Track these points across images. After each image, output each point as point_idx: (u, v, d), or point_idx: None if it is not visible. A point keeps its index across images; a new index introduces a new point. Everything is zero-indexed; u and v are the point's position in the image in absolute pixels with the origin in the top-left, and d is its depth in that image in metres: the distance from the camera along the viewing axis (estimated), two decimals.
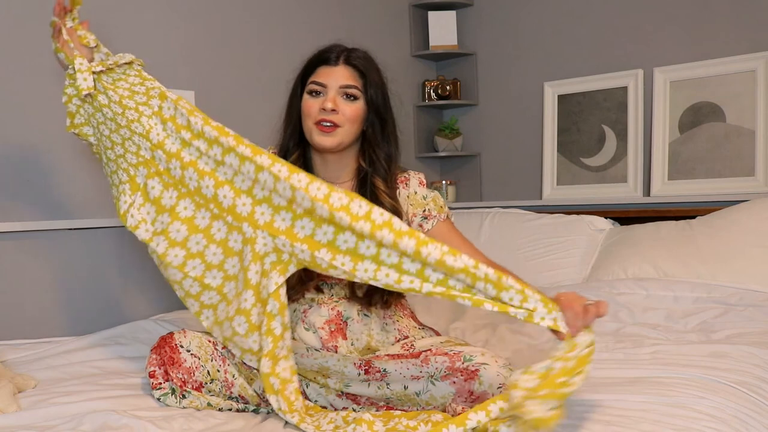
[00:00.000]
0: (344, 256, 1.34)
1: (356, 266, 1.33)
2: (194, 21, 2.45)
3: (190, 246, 1.52)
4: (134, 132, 1.58)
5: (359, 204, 1.33)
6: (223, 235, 1.49)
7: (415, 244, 1.28)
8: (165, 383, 1.50)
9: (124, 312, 2.21)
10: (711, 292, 2.15)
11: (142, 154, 1.58)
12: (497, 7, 3.28)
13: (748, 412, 1.36)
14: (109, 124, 1.61)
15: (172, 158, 1.54)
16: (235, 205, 1.46)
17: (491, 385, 1.39)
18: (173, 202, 1.54)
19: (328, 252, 1.36)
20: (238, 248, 1.47)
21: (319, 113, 1.60)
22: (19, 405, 1.40)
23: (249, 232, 1.45)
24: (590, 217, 2.78)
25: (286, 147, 1.69)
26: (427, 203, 1.66)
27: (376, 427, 1.28)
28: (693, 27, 2.76)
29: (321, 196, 1.34)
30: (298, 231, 1.39)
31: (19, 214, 2.03)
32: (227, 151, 1.47)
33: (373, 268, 1.32)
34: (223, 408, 1.51)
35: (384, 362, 1.50)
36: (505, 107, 3.28)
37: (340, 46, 1.66)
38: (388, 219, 1.31)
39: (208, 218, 1.51)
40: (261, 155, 1.42)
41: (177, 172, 1.53)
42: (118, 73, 1.62)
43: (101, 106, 1.60)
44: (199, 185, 1.50)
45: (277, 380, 1.40)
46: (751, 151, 2.63)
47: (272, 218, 1.42)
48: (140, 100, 1.60)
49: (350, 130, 1.62)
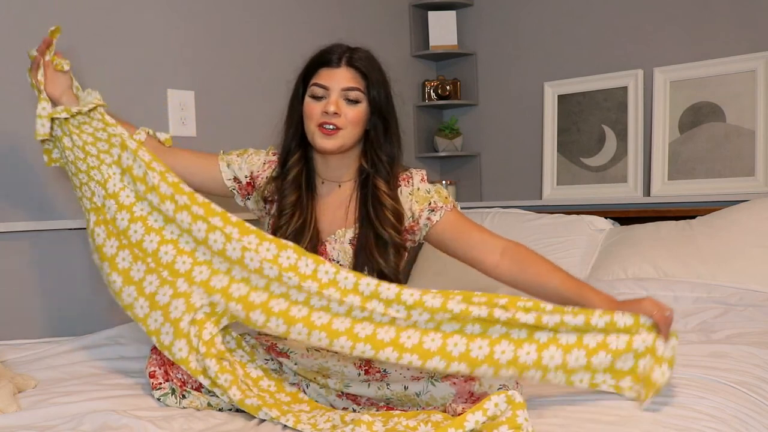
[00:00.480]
0: (277, 318, 1.40)
1: (289, 329, 1.38)
2: (194, 21, 2.45)
3: (123, 297, 1.56)
4: (92, 178, 1.61)
5: (306, 263, 1.40)
6: (153, 289, 1.53)
7: (360, 300, 1.36)
8: (165, 383, 1.50)
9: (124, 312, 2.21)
10: (711, 292, 2.15)
11: (95, 201, 1.61)
12: (497, 7, 3.28)
13: (748, 412, 1.36)
14: (70, 167, 1.65)
15: (123, 209, 1.58)
16: (175, 262, 1.52)
17: (491, 385, 1.39)
18: (114, 251, 1.58)
19: (262, 313, 1.41)
20: (164, 302, 1.51)
21: (321, 116, 1.59)
22: (19, 405, 1.40)
23: (183, 288, 1.50)
24: (590, 217, 2.78)
25: (288, 148, 1.69)
26: (432, 196, 1.66)
27: (375, 427, 1.27)
28: (693, 27, 2.76)
29: (270, 257, 1.41)
30: (233, 291, 1.46)
31: (19, 214, 2.03)
32: (180, 209, 1.52)
33: (306, 332, 1.37)
34: (223, 408, 1.51)
35: (384, 362, 1.51)
36: (505, 107, 3.28)
37: (342, 46, 1.65)
38: (333, 277, 1.38)
39: (143, 271, 1.54)
40: (214, 216, 1.48)
41: (123, 223, 1.57)
42: (83, 118, 1.63)
43: (64, 148, 1.63)
44: (142, 239, 1.55)
45: (254, 400, 1.40)
46: (751, 151, 2.63)
47: (209, 278, 1.49)
48: (102, 148, 1.63)
49: (352, 133, 1.62)
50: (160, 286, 1.52)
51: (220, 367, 1.42)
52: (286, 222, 1.63)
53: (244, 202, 1.75)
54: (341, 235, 1.65)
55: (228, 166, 1.73)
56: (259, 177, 1.72)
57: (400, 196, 1.66)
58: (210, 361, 1.42)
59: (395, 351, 1.32)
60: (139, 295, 1.53)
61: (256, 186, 1.72)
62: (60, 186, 2.12)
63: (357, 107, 1.61)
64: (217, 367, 1.42)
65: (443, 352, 1.31)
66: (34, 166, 2.06)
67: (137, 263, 1.54)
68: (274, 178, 1.69)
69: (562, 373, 1.34)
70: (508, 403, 1.21)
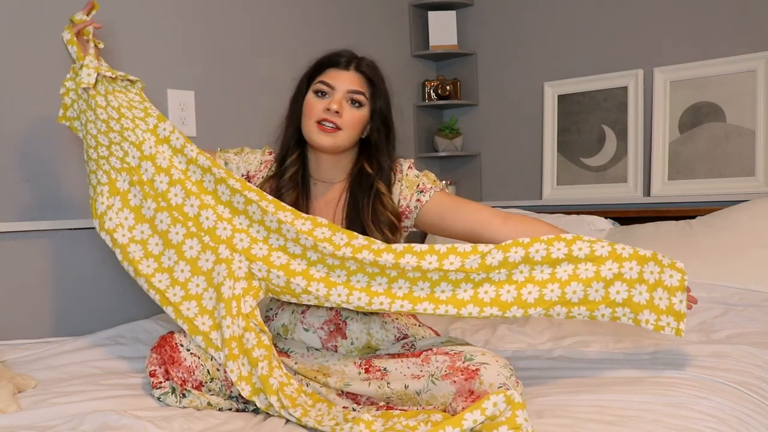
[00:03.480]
0: (318, 283, 1.48)
1: (329, 291, 1.47)
2: (194, 21, 2.45)
3: (163, 260, 1.57)
4: (126, 139, 1.62)
5: (341, 237, 1.49)
6: (194, 254, 1.56)
7: (393, 258, 1.44)
8: (165, 382, 1.50)
9: (124, 312, 2.21)
10: (711, 292, 2.15)
11: (128, 161, 1.61)
12: (497, 7, 3.28)
13: (749, 413, 1.36)
14: (99, 125, 1.63)
15: (161, 172, 1.59)
16: (216, 228, 1.55)
17: (492, 384, 1.39)
18: (151, 213, 1.59)
19: (303, 279, 1.48)
20: (207, 268, 1.55)
21: (323, 113, 1.61)
22: (19, 405, 1.40)
23: (225, 254, 1.53)
24: (590, 217, 2.78)
25: (287, 146, 1.70)
26: (420, 179, 1.68)
27: (375, 426, 1.27)
28: (693, 27, 2.76)
29: (306, 230, 1.49)
30: (274, 260, 1.51)
31: (19, 213, 2.03)
32: (219, 181, 1.57)
33: (345, 293, 1.46)
34: (223, 408, 1.51)
35: (384, 361, 1.51)
36: (505, 107, 3.28)
37: (350, 52, 1.69)
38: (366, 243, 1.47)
39: (182, 235, 1.57)
40: (250, 191, 1.54)
41: (162, 186, 1.59)
42: (121, 86, 1.67)
43: (96, 106, 1.63)
44: (183, 203, 1.57)
45: (276, 381, 1.41)
46: (751, 151, 2.63)
47: (250, 245, 1.53)
48: (138, 115, 1.65)
49: (350, 135, 1.64)
50: (202, 251, 1.55)
51: (258, 341, 1.45)
52: None
53: None
54: None
55: (225, 164, 1.73)
56: (255, 177, 1.73)
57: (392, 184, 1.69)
58: (250, 334, 1.45)
59: (431, 303, 1.44)
60: (180, 259, 1.56)
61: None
62: (61, 186, 2.12)
63: (359, 111, 1.64)
64: (255, 341, 1.45)
65: (476, 300, 1.43)
66: (34, 166, 2.06)
67: (176, 226, 1.57)
68: (271, 177, 1.70)
69: (585, 309, 1.42)
70: (507, 403, 1.20)
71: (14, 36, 2.02)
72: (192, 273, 1.55)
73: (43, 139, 2.08)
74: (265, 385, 1.39)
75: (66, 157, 2.11)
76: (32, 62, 2.05)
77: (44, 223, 2.07)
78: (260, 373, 1.40)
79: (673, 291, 1.44)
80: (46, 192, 2.09)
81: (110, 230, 1.60)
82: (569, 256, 1.42)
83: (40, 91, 2.05)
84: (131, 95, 1.67)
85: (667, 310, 1.43)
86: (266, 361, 1.43)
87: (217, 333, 1.50)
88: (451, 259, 1.43)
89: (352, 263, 1.47)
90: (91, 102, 1.63)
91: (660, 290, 1.44)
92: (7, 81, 2.01)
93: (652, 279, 1.44)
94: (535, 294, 1.41)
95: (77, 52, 1.63)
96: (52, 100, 2.02)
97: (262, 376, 1.40)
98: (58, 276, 2.12)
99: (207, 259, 1.55)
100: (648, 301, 1.42)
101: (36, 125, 2.06)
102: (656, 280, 1.44)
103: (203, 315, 1.52)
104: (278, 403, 1.38)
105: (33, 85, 2.05)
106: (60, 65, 1.96)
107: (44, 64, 2.05)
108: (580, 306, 1.41)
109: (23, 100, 2.03)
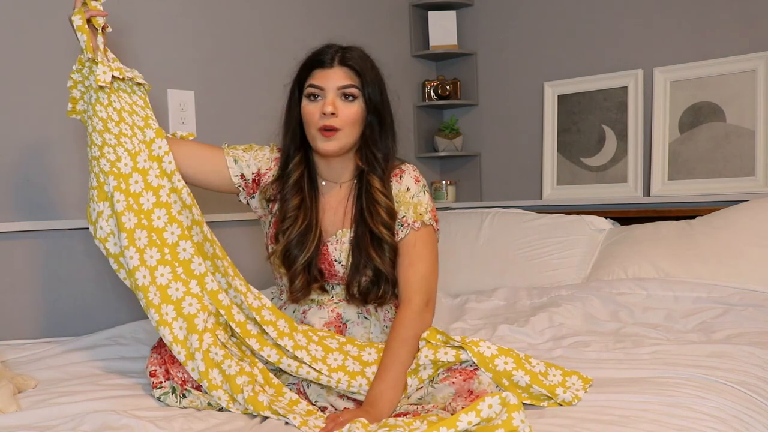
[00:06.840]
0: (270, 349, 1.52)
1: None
2: (194, 21, 2.45)
3: (137, 277, 1.54)
4: (121, 144, 1.57)
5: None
6: (165, 282, 1.53)
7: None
8: (166, 382, 1.50)
9: (124, 312, 2.21)
10: (711, 292, 2.15)
11: (119, 167, 1.56)
12: (497, 7, 3.28)
13: (749, 413, 1.36)
14: (95, 122, 1.58)
15: (149, 190, 1.56)
16: (191, 261, 1.54)
17: (490, 384, 1.39)
18: (131, 226, 1.54)
19: (257, 342, 1.52)
20: (176, 297, 1.52)
21: (321, 119, 1.58)
22: (19, 405, 1.40)
23: (196, 290, 1.53)
24: (590, 217, 2.77)
25: (287, 151, 1.68)
26: (407, 210, 1.63)
27: (371, 427, 1.27)
28: (693, 27, 2.76)
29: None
30: (235, 313, 1.54)
31: (19, 214, 2.03)
32: (195, 223, 1.59)
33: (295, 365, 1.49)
34: (223, 408, 1.51)
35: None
36: (505, 107, 3.28)
37: (334, 46, 1.64)
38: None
39: (155, 260, 1.53)
40: (219, 248, 1.59)
41: (147, 204, 1.55)
42: (127, 85, 1.62)
43: (97, 102, 1.58)
44: (164, 228, 1.54)
45: (266, 397, 1.42)
46: (751, 151, 2.62)
47: (218, 290, 1.54)
48: (138, 123, 1.60)
49: (351, 133, 1.61)
50: (173, 280, 1.53)
51: (240, 369, 1.45)
52: (290, 225, 1.63)
53: (248, 201, 1.74)
54: (342, 235, 1.64)
55: (235, 162, 1.70)
56: (265, 175, 1.71)
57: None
58: (230, 361, 1.46)
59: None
60: (151, 283, 1.52)
61: (260, 184, 1.71)
62: (61, 186, 2.12)
63: (353, 104, 1.60)
64: (237, 368, 1.44)
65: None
66: (34, 166, 2.06)
67: (152, 249, 1.53)
68: (276, 180, 1.69)
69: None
70: (502, 405, 1.18)
71: (14, 36, 2.02)
72: (161, 300, 1.51)
73: (43, 140, 2.08)
74: (255, 404, 1.40)
75: (66, 157, 2.11)
76: (32, 62, 2.05)
77: (44, 223, 2.07)
78: (246, 396, 1.41)
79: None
80: (46, 192, 2.09)
81: (102, 239, 1.57)
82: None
83: (40, 90, 2.05)
84: (135, 98, 1.62)
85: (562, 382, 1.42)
86: (250, 386, 1.43)
87: (193, 363, 1.48)
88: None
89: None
90: (92, 97, 1.59)
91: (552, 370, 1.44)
92: (7, 81, 2.01)
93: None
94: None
95: (87, 42, 1.56)
96: (52, 99, 2.03)
97: (249, 398, 1.40)
98: (59, 276, 2.12)
99: (177, 289, 1.52)
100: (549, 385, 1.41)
101: (36, 128, 2.06)
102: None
103: (177, 344, 1.49)
104: (296, 421, 1.37)
105: (33, 85, 2.05)
106: (61, 64, 1.95)
107: (44, 64, 2.05)
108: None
109: (23, 100, 2.03)
